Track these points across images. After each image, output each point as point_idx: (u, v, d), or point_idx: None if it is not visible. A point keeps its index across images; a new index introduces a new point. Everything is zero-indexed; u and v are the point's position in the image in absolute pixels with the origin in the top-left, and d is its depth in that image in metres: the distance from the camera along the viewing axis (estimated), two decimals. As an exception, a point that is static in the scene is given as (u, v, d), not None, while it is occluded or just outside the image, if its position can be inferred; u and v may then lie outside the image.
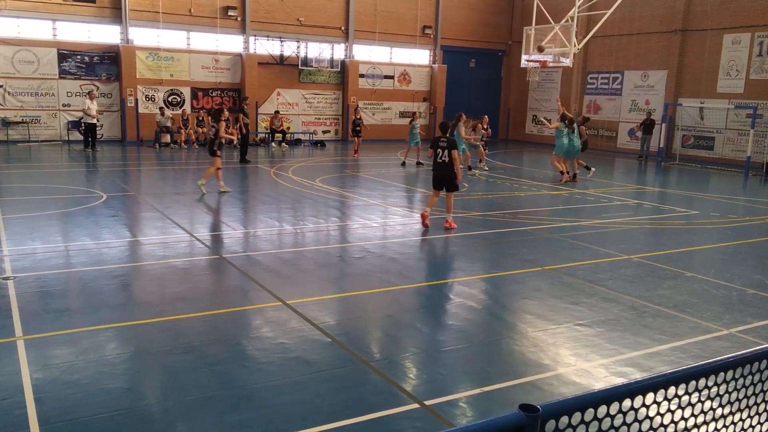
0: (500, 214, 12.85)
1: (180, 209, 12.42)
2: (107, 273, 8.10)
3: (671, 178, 20.99)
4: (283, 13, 27.41)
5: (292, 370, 5.40)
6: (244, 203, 13.34)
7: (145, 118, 25.14)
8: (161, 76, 25.59)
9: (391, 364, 5.61)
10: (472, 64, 33.28)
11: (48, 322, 6.32)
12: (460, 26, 31.93)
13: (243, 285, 7.89)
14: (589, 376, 5.49)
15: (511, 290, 8.10)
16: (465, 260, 9.75)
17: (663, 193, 17.42)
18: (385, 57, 30.84)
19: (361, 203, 13.74)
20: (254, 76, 26.94)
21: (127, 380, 5.18)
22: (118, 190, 14.52)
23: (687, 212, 13.96)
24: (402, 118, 31.45)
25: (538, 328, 6.59)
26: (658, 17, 26.55)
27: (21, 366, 5.25)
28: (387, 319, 6.90)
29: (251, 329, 6.46)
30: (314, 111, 29.19)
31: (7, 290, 7.14)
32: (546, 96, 32.28)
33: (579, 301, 7.46)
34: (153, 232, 10.53)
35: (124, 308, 6.92)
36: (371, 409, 4.76)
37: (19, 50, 23.19)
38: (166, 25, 25.19)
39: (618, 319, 6.90)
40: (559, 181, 17.59)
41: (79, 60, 24.24)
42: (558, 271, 8.77)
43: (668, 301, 7.59)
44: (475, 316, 7.11)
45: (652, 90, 27.23)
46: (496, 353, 6.03)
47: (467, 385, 5.30)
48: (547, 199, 15.48)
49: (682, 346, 6.20)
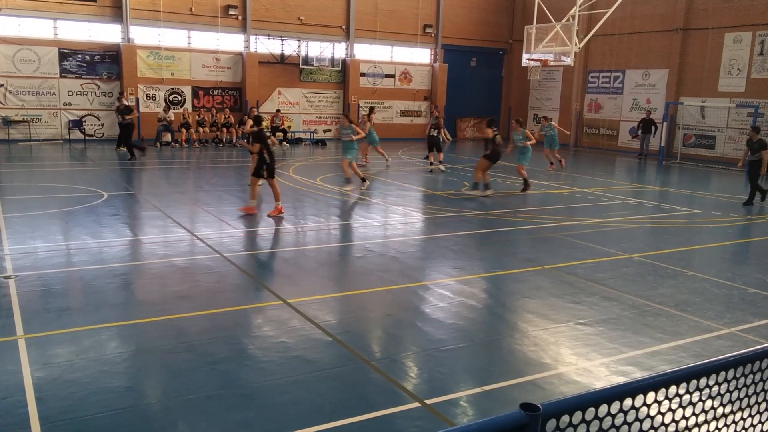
0: (500, 212, 12.84)
1: (181, 208, 12.42)
2: (108, 272, 8.11)
3: (672, 177, 20.97)
4: (283, 12, 27.40)
5: (293, 368, 5.40)
6: (245, 202, 13.31)
7: (146, 117, 25.15)
8: (162, 75, 25.60)
9: (391, 363, 5.61)
10: (473, 63, 33.26)
11: (49, 320, 6.32)
12: (461, 25, 31.91)
13: (244, 284, 7.89)
14: (590, 375, 5.49)
15: (512, 289, 8.10)
16: (466, 259, 9.74)
17: (664, 192, 17.41)
18: (386, 56, 30.83)
19: (362, 202, 13.74)
20: (255, 75, 26.94)
21: (128, 379, 5.18)
22: (120, 189, 14.52)
23: (688, 211, 13.95)
24: (403, 117, 31.48)
25: (539, 327, 6.59)
26: (659, 16, 26.53)
27: (22, 365, 5.25)
28: (388, 317, 6.90)
29: (252, 328, 6.46)
30: (315, 110, 29.18)
31: (8, 289, 7.15)
32: (547, 95, 32.25)
33: (580, 300, 7.46)
34: (154, 231, 10.54)
35: (125, 307, 6.92)
36: (372, 408, 4.76)
37: (20, 49, 23.19)
38: (167, 24, 25.19)
39: (619, 318, 6.89)
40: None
41: (80, 59, 24.25)
42: (559, 270, 8.76)
43: (669, 300, 7.59)
44: (475, 315, 7.11)
45: (653, 89, 27.21)
46: (496, 352, 6.03)
47: (468, 384, 5.30)
48: (548, 198, 15.48)
49: (683, 345, 6.19)
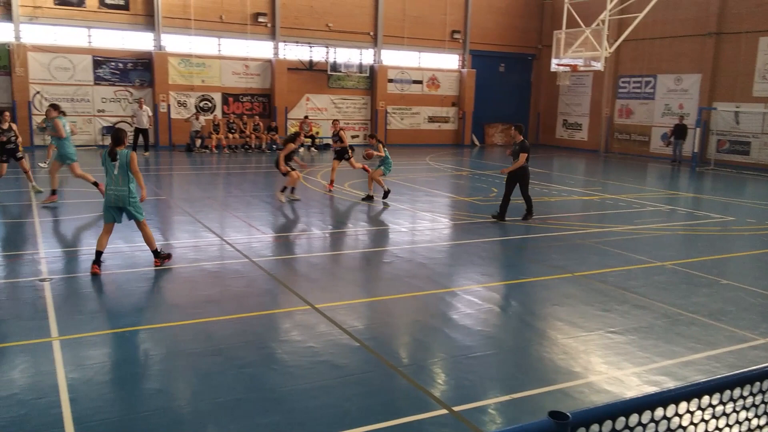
0: (529, 219, 12.73)
1: (211, 213, 12.57)
2: (140, 275, 8.24)
3: (706, 183, 20.59)
4: (312, 19, 27.63)
5: (321, 373, 5.42)
6: (274, 207, 13.44)
7: (177, 123, 25.54)
8: (193, 82, 25.98)
9: (419, 369, 5.59)
10: (501, 68, 33.12)
11: (82, 323, 6.44)
12: (490, 30, 31.82)
13: (272, 288, 7.95)
14: (621, 384, 5.41)
15: (541, 296, 8.02)
16: (494, 266, 9.69)
17: (697, 199, 17.10)
18: (413, 62, 30.86)
19: (389, 208, 13.75)
20: (284, 81, 27.19)
21: (159, 381, 5.25)
22: (151, 194, 14.75)
23: (722, 218, 13.68)
24: (431, 122, 31.45)
25: (569, 335, 6.52)
26: (691, 20, 26.12)
27: (56, 366, 5.36)
28: (415, 323, 6.89)
29: (280, 332, 6.50)
30: (343, 116, 29.32)
31: (43, 292, 7.31)
32: (577, 100, 31.95)
33: (611, 308, 7.36)
34: (184, 235, 10.68)
35: (156, 310, 7.03)
36: (399, 414, 4.76)
37: (55, 57, 23.76)
38: (198, 31, 25.58)
39: (651, 327, 6.78)
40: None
41: (114, 66, 24.75)
42: (589, 277, 8.66)
43: (703, 309, 7.44)
44: (504, 322, 7.06)
45: (686, 94, 26.78)
46: (525, 360, 5.97)
47: (496, 392, 5.26)
48: (577, 205, 15.32)
49: (717, 355, 6.07)
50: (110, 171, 8.06)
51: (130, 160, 8.04)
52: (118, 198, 8.07)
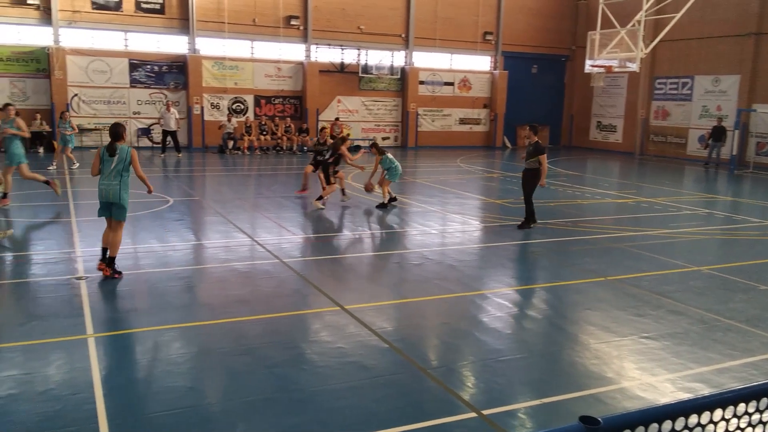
0: (561, 222, 12.59)
1: (242, 214, 12.71)
2: (173, 275, 8.36)
3: (744, 186, 20.10)
4: (344, 21, 27.75)
5: (350, 374, 5.43)
6: (304, 208, 13.52)
7: (210, 125, 25.88)
8: (226, 84, 26.30)
9: (448, 372, 5.56)
10: (534, 69, 32.81)
11: (117, 321, 6.57)
12: (522, 32, 31.55)
13: (302, 289, 8.00)
14: (655, 390, 5.30)
15: (573, 300, 7.91)
16: (524, 269, 9.59)
17: (735, 203, 16.71)
18: (445, 63, 30.77)
19: (419, 210, 13.72)
20: (315, 83, 27.36)
21: (190, 379, 5.32)
22: (184, 195, 14.97)
23: (762, 222, 13.34)
24: (462, 124, 31.33)
25: (601, 340, 6.41)
26: (730, 20, 25.54)
27: (91, 362, 5.47)
28: (445, 326, 6.85)
29: (310, 333, 6.53)
30: (374, 118, 29.39)
31: (79, 290, 7.46)
32: (611, 102, 31.48)
33: (645, 313, 7.23)
34: (216, 235, 10.81)
35: (188, 309, 7.12)
36: (428, 417, 4.73)
37: (92, 60, 24.29)
38: (231, 34, 25.89)
39: (686, 333, 6.64)
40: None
41: (149, 69, 25.19)
42: (622, 281, 8.52)
43: (740, 314, 7.26)
44: (534, 325, 6.99)
45: (724, 95, 26.19)
46: (556, 364, 5.89)
47: (526, 396, 5.21)
48: (611, 208, 15.09)
49: (754, 363, 5.91)
50: (106, 166, 8.08)
51: (131, 156, 8.10)
52: (109, 192, 8.05)
